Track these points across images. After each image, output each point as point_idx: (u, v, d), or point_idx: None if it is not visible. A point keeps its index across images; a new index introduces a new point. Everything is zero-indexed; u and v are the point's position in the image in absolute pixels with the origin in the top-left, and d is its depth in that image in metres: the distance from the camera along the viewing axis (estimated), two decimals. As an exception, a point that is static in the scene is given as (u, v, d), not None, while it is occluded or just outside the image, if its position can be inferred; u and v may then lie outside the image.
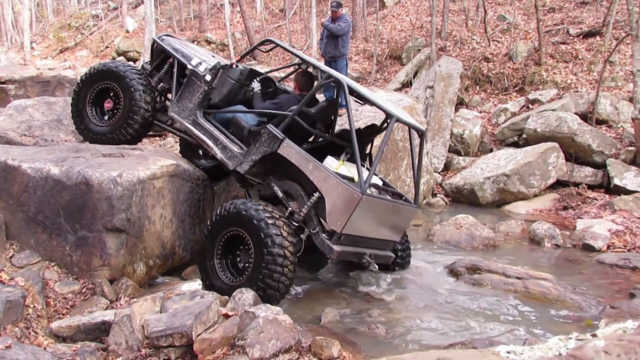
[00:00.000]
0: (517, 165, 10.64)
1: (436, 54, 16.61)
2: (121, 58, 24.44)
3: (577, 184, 10.77)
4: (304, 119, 5.66)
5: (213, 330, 3.88)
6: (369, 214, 5.30)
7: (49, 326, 4.20)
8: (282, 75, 8.21)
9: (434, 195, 11.29)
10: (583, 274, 6.70)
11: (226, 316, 4.16)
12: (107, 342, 3.93)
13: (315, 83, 6.23)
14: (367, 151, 6.49)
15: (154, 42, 6.98)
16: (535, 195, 10.69)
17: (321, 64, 6.31)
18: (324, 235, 5.16)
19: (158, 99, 6.80)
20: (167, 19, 31.51)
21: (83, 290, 4.91)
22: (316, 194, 5.18)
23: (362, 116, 9.45)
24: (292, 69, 7.47)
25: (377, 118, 8.91)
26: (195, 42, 25.73)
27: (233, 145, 5.79)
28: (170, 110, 6.31)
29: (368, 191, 5.16)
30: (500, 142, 13.13)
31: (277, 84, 6.72)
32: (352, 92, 5.71)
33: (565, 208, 10.14)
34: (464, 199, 11.02)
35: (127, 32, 29.51)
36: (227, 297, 4.76)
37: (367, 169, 5.49)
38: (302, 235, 5.26)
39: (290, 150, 5.35)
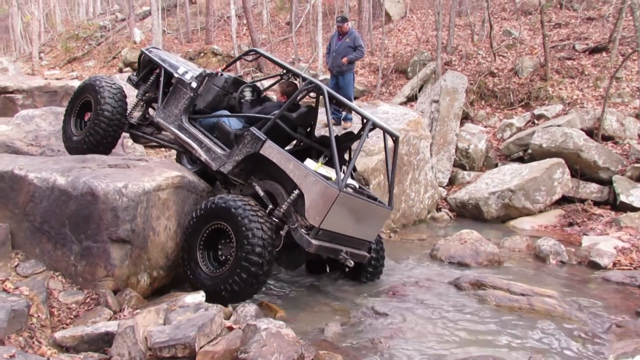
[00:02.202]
0: (522, 181, 10.61)
1: (442, 68, 16.68)
2: (128, 69, 24.59)
3: (582, 200, 10.72)
4: (285, 123, 6.06)
5: (216, 342, 3.87)
6: (346, 211, 5.60)
7: (53, 336, 4.19)
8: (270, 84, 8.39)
9: (438, 209, 11.26)
10: (588, 292, 6.66)
11: (230, 329, 4.15)
12: (110, 353, 3.92)
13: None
14: (346, 157, 6.75)
15: (142, 53, 7.32)
16: (541, 211, 10.64)
17: (303, 72, 6.55)
18: (302, 230, 5.42)
19: (141, 109, 7.17)
20: (174, 30, 31.72)
21: (87, 301, 4.91)
22: (296, 191, 5.45)
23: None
24: (276, 79, 7.72)
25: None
26: (202, 54, 25.95)
27: (217, 147, 6.09)
28: (156, 116, 6.62)
29: (345, 190, 5.45)
30: (505, 157, 13.10)
31: (261, 91, 7.15)
32: (332, 99, 6.09)
33: (570, 224, 10.09)
34: (468, 213, 10.99)
35: (135, 43, 29.69)
36: (231, 310, 4.77)
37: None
38: (281, 232, 5.50)
39: (272, 151, 5.64)
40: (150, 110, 7.15)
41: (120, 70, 25.25)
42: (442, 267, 7.51)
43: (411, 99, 16.65)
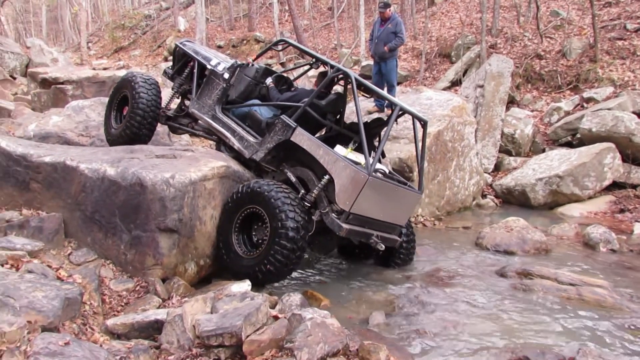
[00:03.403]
0: (570, 166, 10.36)
1: (486, 51, 16.32)
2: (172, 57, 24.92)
3: (634, 186, 10.41)
4: (315, 111, 6.24)
5: (262, 332, 3.92)
6: (375, 195, 5.72)
7: (105, 323, 4.31)
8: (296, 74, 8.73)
9: (483, 196, 11.10)
10: (641, 281, 6.47)
11: (275, 318, 4.20)
12: (159, 341, 4.02)
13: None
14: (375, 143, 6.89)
15: (176, 47, 7.60)
16: (590, 198, 10.38)
17: (331, 60, 6.72)
18: (333, 214, 5.57)
19: (177, 102, 7.48)
20: (217, 18, 32.00)
21: (137, 288, 5.03)
22: (326, 177, 5.60)
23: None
24: (304, 68, 8.09)
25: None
26: (245, 41, 26.11)
27: (249, 135, 6.32)
28: (191, 107, 6.88)
29: (374, 174, 5.61)
30: (553, 142, 12.77)
31: (292, 81, 7.36)
32: (360, 85, 6.19)
33: (621, 211, 9.81)
34: (514, 200, 10.80)
35: (179, 31, 30.10)
36: (276, 298, 4.82)
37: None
38: (313, 217, 5.67)
39: (302, 138, 5.82)
40: (186, 102, 7.38)
41: (165, 59, 25.68)
42: (488, 255, 7.41)
43: (455, 84, 16.36)
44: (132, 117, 6.85)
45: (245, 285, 4.86)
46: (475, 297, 5.68)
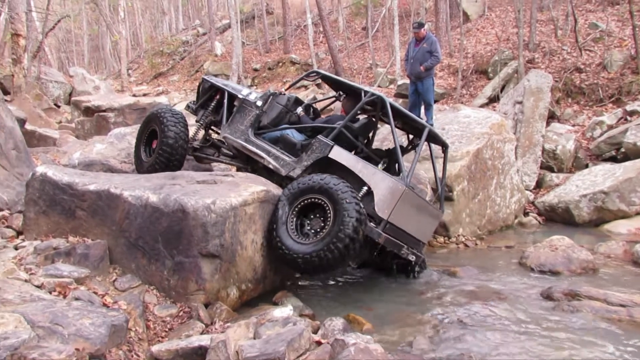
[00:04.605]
0: (616, 182, 10.09)
1: (524, 66, 16.11)
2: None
3: (684, 201, 10.05)
4: (348, 132, 6.69)
5: (305, 357, 3.91)
6: (408, 208, 6.24)
7: (150, 349, 4.34)
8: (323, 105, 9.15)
9: (526, 214, 10.89)
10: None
11: (318, 343, 4.18)
12: (203, 367, 4.04)
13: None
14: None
15: (202, 81, 8.10)
16: (638, 213, 10.05)
17: (365, 86, 7.16)
18: (371, 223, 5.90)
19: (202, 134, 7.92)
20: (253, 41, 32.48)
21: (180, 314, 5.07)
22: (365, 188, 6.00)
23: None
24: (331, 97, 8.46)
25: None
26: (280, 64, 26.49)
27: (284, 155, 6.74)
28: (223, 132, 7.32)
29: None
30: (596, 157, 12.46)
31: (319, 111, 8.01)
32: (392, 108, 6.61)
33: (672, 227, 9.49)
34: (558, 217, 10.56)
35: (216, 56, 30.69)
36: (318, 323, 4.81)
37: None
38: None
39: (340, 154, 6.29)
40: (211, 133, 7.91)
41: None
42: (532, 276, 7.23)
43: (493, 100, 16.17)
44: (161, 153, 7.17)
45: (287, 310, 4.86)
46: (521, 320, 5.54)
